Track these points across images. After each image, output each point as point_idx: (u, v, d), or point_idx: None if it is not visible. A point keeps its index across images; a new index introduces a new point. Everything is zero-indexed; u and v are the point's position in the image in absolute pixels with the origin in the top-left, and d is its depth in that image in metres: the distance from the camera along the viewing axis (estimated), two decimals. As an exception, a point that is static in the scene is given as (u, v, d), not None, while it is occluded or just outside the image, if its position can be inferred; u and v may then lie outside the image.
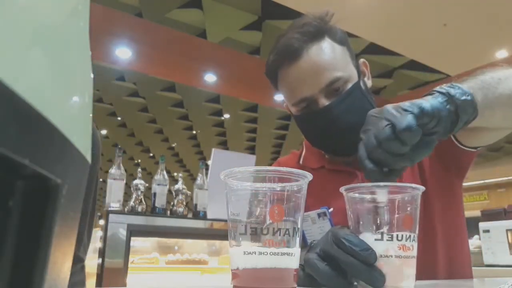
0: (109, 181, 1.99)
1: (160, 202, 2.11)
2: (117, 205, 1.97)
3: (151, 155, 8.66)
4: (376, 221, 0.53)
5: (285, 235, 0.46)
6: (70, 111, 0.18)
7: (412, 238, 0.53)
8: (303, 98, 0.84)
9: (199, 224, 2.17)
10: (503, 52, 4.54)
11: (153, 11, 4.02)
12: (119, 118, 6.62)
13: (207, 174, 2.34)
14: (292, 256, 0.47)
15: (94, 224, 1.29)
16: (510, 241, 2.57)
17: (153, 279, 2.38)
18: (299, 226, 0.48)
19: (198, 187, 2.24)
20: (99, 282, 1.82)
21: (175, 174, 7.65)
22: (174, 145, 8.10)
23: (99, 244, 1.90)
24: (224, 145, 8.02)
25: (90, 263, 1.37)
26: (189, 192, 2.29)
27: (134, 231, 1.93)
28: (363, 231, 0.54)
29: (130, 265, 1.95)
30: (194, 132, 7.38)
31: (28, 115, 0.14)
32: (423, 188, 0.54)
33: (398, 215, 0.53)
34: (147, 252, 2.48)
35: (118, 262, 1.86)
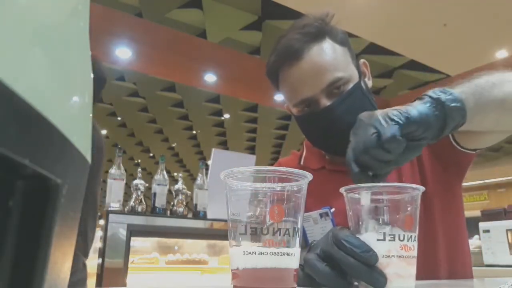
0: (109, 181, 1.99)
1: (160, 202, 2.11)
2: (117, 205, 1.97)
3: (151, 155, 8.66)
4: (378, 221, 0.53)
5: (285, 235, 0.46)
6: (70, 111, 0.18)
7: (413, 238, 0.53)
8: (304, 98, 0.84)
9: (199, 224, 2.16)
10: (503, 52, 4.54)
11: (153, 11, 4.02)
12: (119, 118, 6.62)
13: (207, 174, 2.34)
14: (292, 256, 0.47)
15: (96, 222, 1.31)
16: (510, 241, 2.57)
17: (153, 279, 2.38)
18: (299, 226, 0.48)
19: (198, 187, 2.24)
20: (99, 282, 1.82)
21: (175, 174, 7.64)
22: (174, 145, 8.10)
23: (99, 244, 1.90)
24: (224, 145, 8.02)
25: (90, 263, 1.37)
26: (189, 192, 2.29)
27: (134, 231, 1.93)
28: (364, 232, 0.54)
29: (130, 265, 1.95)
30: (194, 132, 7.39)
31: (28, 115, 0.14)
32: (423, 188, 0.55)
33: (399, 215, 0.53)
34: (147, 252, 2.48)
35: (118, 262, 1.86)
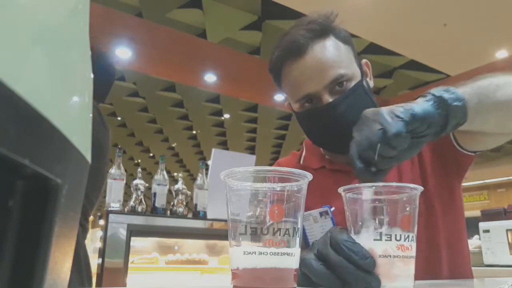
0: (109, 181, 1.99)
1: (160, 202, 2.11)
2: (117, 205, 1.97)
3: (151, 155, 8.66)
4: (375, 221, 0.53)
5: (285, 235, 0.46)
6: (70, 111, 0.18)
7: (410, 238, 0.53)
8: (307, 94, 0.84)
9: (199, 224, 2.16)
10: (503, 52, 4.54)
11: (153, 11, 4.02)
12: (119, 118, 6.62)
13: (207, 174, 2.34)
14: (292, 256, 0.47)
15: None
16: (510, 241, 2.57)
17: (153, 279, 2.38)
18: (299, 226, 0.48)
19: (198, 187, 2.24)
20: (99, 282, 1.82)
21: (175, 174, 7.64)
22: (174, 145, 8.10)
23: (99, 244, 1.90)
24: (224, 145, 8.02)
25: (90, 263, 1.37)
26: (189, 192, 2.29)
27: (134, 231, 1.93)
28: (361, 232, 0.54)
29: (130, 265, 1.95)
30: (194, 132, 7.39)
31: (28, 115, 0.14)
32: (421, 188, 0.55)
33: (397, 215, 0.53)
34: (147, 252, 2.47)
35: (118, 262, 1.86)
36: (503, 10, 3.75)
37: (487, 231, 2.67)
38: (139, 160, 9.03)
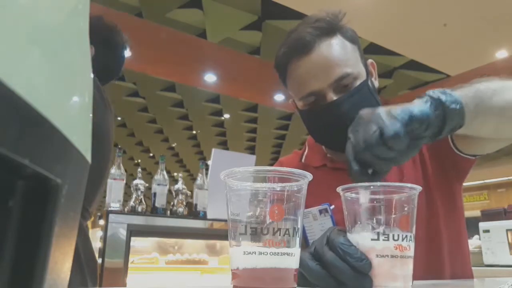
0: (109, 181, 1.99)
1: (160, 202, 2.11)
2: (117, 205, 1.97)
3: (151, 155, 8.66)
4: (373, 221, 0.53)
5: (285, 235, 0.46)
6: (70, 111, 0.18)
7: (409, 238, 0.52)
8: (312, 91, 0.84)
9: (199, 224, 2.16)
10: (503, 52, 4.55)
11: (153, 11, 4.02)
12: (119, 118, 6.62)
13: (207, 174, 2.34)
14: (292, 256, 0.47)
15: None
16: (510, 241, 2.57)
17: (153, 279, 2.38)
18: (299, 226, 0.48)
19: (198, 187, 2.24)
20: (99, 282, 1.82)
21: (175, 174, 7.64)
22: (174, 145, 8.10)
23: (99, 244, 1.90)
24: (224, 145, 8.02)
25: (95, 257, 1.38)
26: (189, 192, 2.29)
27: (134, 231, 1.93)
28: (359, 231, 0.54)
29: (130, 265, 1.95)
30: (194, 132, 7.39)
31: (28, 115, 0.14)
32: (420, 188, 0.54)
33: (395, 215, 0.53)
34: (147, 252, 2.47)
35: (118, 262, 1.86)
36: (503, 10, 3.75)
37: (487, 231, 2.67)
38: (139, 160, 9.04)
